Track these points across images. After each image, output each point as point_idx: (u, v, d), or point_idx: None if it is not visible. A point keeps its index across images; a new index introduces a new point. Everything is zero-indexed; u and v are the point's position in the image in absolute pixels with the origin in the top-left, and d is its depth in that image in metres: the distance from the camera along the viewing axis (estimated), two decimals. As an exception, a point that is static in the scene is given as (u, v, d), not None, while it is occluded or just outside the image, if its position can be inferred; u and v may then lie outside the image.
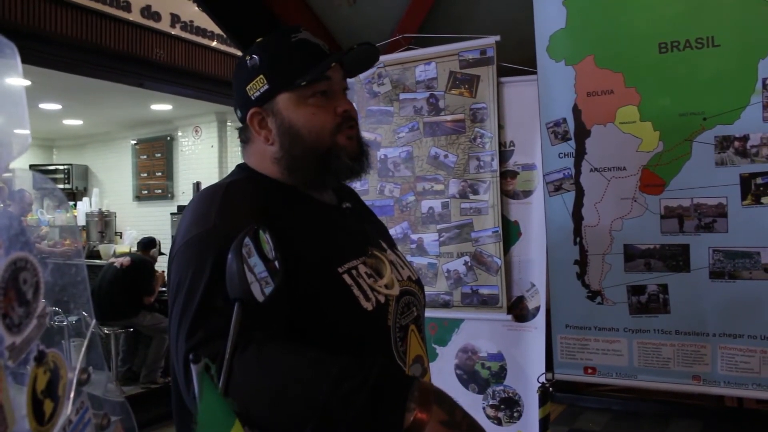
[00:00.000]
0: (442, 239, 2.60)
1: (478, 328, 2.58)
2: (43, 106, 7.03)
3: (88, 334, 0.63)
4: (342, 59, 1.18)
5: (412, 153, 2.65)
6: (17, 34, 3.90)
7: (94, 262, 6.09)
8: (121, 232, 8.05)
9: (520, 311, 2.50)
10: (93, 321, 0.65)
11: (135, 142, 8.74)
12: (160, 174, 8.47)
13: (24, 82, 0.62)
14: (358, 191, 1.43)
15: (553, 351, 2.34)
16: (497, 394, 2.55)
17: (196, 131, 8.00)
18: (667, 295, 2.12)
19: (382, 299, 1.12)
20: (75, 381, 0.58)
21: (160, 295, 5.43)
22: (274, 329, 0.97)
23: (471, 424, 0.90)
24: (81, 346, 0.64)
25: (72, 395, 0.58)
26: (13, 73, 0.58)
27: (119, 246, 7.12)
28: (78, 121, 8.14)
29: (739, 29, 1.97)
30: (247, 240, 0.91)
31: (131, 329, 5.41)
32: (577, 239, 2.24)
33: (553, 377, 2.36)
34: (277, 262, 0.93)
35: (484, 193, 2.52)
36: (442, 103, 2.59)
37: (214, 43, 5.44)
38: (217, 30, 5.25)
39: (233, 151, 7.66)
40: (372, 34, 2.90)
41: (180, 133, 8.22)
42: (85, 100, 6.81)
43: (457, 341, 2.63)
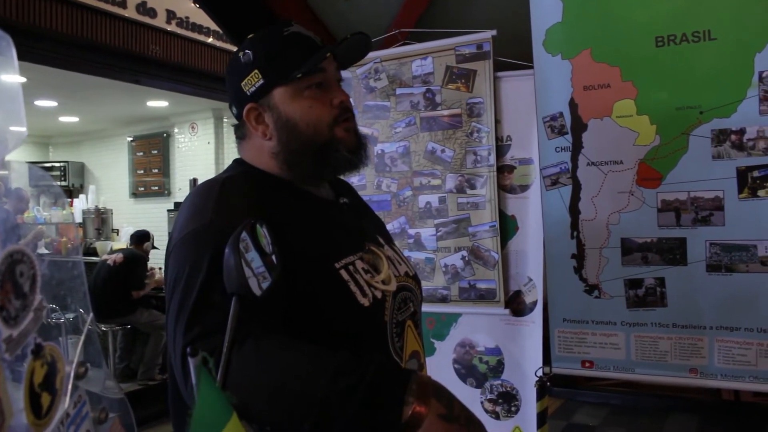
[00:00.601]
0: (439, 234, 2.60)
1: (476, 323, 2.59)
2: (39, 103, 7.01)
3: (85, 329, 0.63)
4: (336, 50, 1.18)
5: (409, 148, 2.65)
6: (12, 31, 3.87)
7: (91, 259, 6.07)
8: (117, 229, 8.02)
9: (517, 306, 2.51)
10: (90, 316, 0.65)
11: (131, 138, 8.73)
12: (156, 171, 8.46)
13: (20, 79, 0.62)
14: (355, 186, 1.43)
15: (551, 345, 2.35)
16: (495, 388, 2.56)
17: (193, 128, 7.98)
18: (664, 288, 2.13)
19: (379, 295, 1.12)
20: (72, 374, 0.58)
21: (156, 292, 5.41)
22: (272, 324, 0.97)
23: (469, 417, 0.91)
24: (78, 342, 0.64)
25: (69, 389, 0.58)
26: (9, 69, 0.58)
27: (116, 243, 7.09)
28: (74, 118, 8.12)
29: (735, 23, 1.97)
30: (244, 234, 0.91)
31: (128, 326, 5.40)
32: (574, 233, 2.25)
33: (551, 371, 2.36)
34: (274, 257, 0.93)
35: (481, 188, 2.52)
36: (438, 98, 2.59)
37: (210, 40, 5.43)
38: (213, 26, 5.24)
39: (230, 147, 7.65)
40: (368, 29, 2.88)
41: (176, 130, 8.20)
42: (81, 97, 6.79)
43: (455, 336, 2.63)
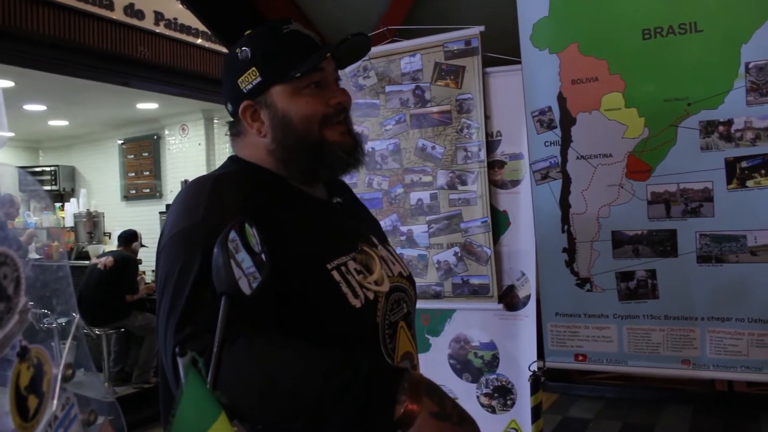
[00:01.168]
0: (431, 230, 2.60)
1: (470, 318, 2.59)
2: (28, 108, 6.96)
3: (72, 330, 0.63)
4: (336, 51, 1.17)
5: (400, 145, 2.65)
6: (-1, 35, 3.86)
7: (83, 263, 6.03)
8: (110, 233, 7.97)
9: (510, 300, 2.51)
10: (77, 317, 0.64)
11: (122, 141, 8.68)
12: (147, 173, 8.41)
13: (6, 83, 0.61)
14: (346, 184, 1.42)
15: (544, 339, 2.35)
16: (490, 382, 2.57)
17: (183, 129, 7.95)
18: (656, 280, 2.14)
19: (371, 296, 1.11)
20: (60, 377, 0.58)
21: (150, 295, 5.39)
22: (263, 323, 0.97)
23: (461, 414, 0.91)
24: (66, 345, 0.64)
25: (57, 391, 0.57)
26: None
27: (108, 246, 7.06)
28: (63, 122, 8.07)
29: (721, 14, 1.98)
30: (233, 234, 0.91)
31: (122, 329, 5.38)
32: (565, 227, 2.25)
33: (544, 365, 2.37)
34: (263, 255, 0.92)
35: (472, 184, 2.52)
36: (428, 95, 2.59)
37: (199, 41, 5.40)
38: (201, 27, 5.21)
39: (221, 148, 7.63)
40: (356, 27, 2.88)
41: (167, 132, 8.16)
42: (70, 101, 6.74)
43: (450, 331, 2.64)
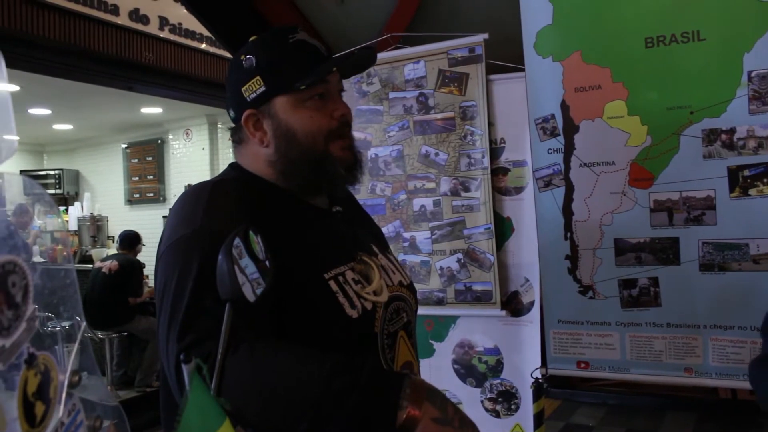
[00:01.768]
0: (434, 237, 2.60)
1: (474, 324, 2.60)
2: (33, 112, 6.99)
3: (79, 337, 0.63)
4: (342, 64, 1.16)
5: (403, 152, 2.65)
6: (3, 39, 3.88)
7: (87, 267, 6.05)
8: (113, 236, 8.00)
9: (515, 306, 2.52)
10: (83, 324, 0.65)
11: (126, 145, 8.71)
12: (151, 177, 8.44)
13: (12, 88, 0.62)
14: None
15: (546, 346, 2.35)
16: (494, 387, 2.57)
17: (187, 134, 7.97)
18: (658, 288, 2.14)
19: (369, 306, 1.11)
20: (66, 383, 0.59)
21: (152, 299, 5.40)
22: (265, 329, 0.97)
23: (463, 419, 0.91)
24: (73, 350, 0.64)
25: (63, 397, 0.58)
26: (-1, 80, 0.58)
27: (111, 250, 7.08)
28: (68, 126, 8.10)
29: (723, 23, 1.99)
30: (237, 241, 0.91)
31: (125, 333, 5.39)
32: (568, 234, 2.25)
33: (547, 372, 2.37)
34: (267, 262, 0.93)
35: (475, 191, 2.53)
36: (431, 102, 2.60)
37: (203, 46, 5.42)
38: (206, 32, 5.23)
39: (224, 153, 7.64)
40: (360, 33, 2.91)
41: (171, 136, 8.19)
42: (75, 105, 6.77)
43: (454, 337, 2.64)
